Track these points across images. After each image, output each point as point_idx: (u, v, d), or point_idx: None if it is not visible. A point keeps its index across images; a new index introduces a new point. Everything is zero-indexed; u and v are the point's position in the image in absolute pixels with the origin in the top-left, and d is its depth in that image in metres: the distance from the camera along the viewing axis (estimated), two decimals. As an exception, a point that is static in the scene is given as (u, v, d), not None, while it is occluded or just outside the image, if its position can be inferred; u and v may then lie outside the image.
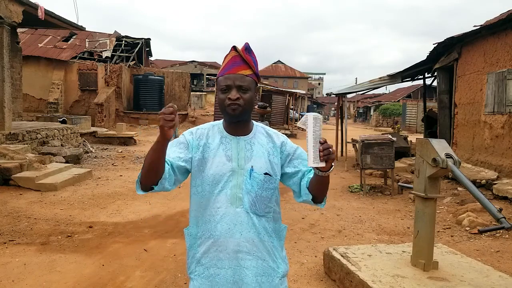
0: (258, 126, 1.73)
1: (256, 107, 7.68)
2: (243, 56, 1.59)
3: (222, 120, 1.72)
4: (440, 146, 3.07)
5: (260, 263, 1.62)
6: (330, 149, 1.43)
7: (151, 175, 1.52)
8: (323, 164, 1.44)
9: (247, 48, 1.62)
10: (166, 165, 1.55)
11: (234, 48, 1.62)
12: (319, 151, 1.43)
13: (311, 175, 1.64)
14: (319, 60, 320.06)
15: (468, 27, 8.52)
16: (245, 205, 1.60)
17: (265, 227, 1.64)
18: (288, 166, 1.69)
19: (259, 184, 1.61)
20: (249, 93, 1.59)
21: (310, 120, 1.45)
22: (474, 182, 6.88)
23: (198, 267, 1.65)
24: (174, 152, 1.62)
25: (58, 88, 19.32)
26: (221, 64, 1.69)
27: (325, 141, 1.44)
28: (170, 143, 1.62)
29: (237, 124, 1.64)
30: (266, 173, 1.63)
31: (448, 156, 2.98)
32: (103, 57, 21.89)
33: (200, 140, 1.67)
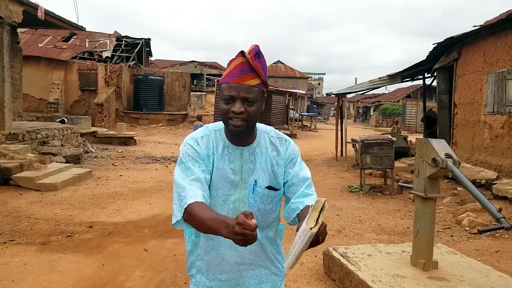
0: (262, 132, 1.62)
1: None
2: (251, 63, 1.45)
3: (223, 125, 1.58)
4: (440, 146, 3.07)
5: (262, 271, 1.62)
6: None
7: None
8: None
9: (256, 53, 1.47)
10: (202, 191, 1.44)
11: (242, 53, 1.47)
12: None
13: (305, 201, 1.52)
14: (319, 60, 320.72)
15: (469, 27, 8.55)
16: None
17: (267, 236, 1.63)
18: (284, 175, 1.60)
19: (262, 198, 1.57)
20: (255, 105, 1.46)
21: (307, 234, 1.22)
22: (473, 182, 6.88)
23: (199, 275, 1.65)
24: (200, 172, 1.49)
25: (58, 88, 19.33)
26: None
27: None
28: (189, 160, 1.51)
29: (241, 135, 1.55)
30: (269, 187, 1.57)
31: (448, 156, 2.99)
32: (103, 57, 21.89)
33: (208, 149, 1.55)
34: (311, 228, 1.21)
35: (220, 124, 1.60)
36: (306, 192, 1.57)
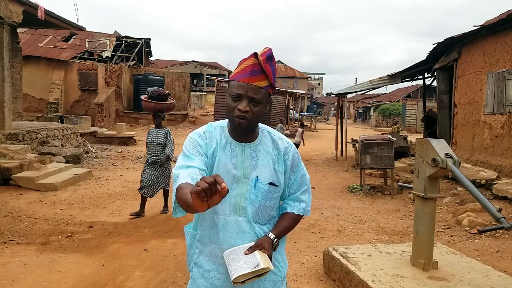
0: (265, 131, 1.67)
1: (143, 97, 5.80)
2: (263, 65, 1.50)
3: (227, 122, 1.64)
4: (440, 146, 3.07)
5: None
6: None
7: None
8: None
9: (268, 56, 1.53)
10: (194, 175, 1.42)
11: (255, 55, 1.52)
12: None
13: (294, 207, 1.69)
14: (322, 59, 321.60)
15: (471, 27, 8.51)
16: (248, 214, 1.59)
17: (266, 233, 1.64)
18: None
19: (263, 194, 1.60)
20: (260, 106, 1.52)
21: (256, 268, 1.49)
22: (473, 182, 6.88)
23: (198, 268, 1.66)
24: (200, 163, 1.51)
25: (58, 88, 19.33)
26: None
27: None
28: (191, 151, 1.53)
29: (243, 132, 1.60)
30: (271, 183, 1.60)
31: (448, 156, 2.98)
32: (103, 57, 21.89)
33: (211, 144, 1.60)
34: (258, 274, 1.49)
35: (223, 122, 1.66)
36: (299, 198, 1.71)
